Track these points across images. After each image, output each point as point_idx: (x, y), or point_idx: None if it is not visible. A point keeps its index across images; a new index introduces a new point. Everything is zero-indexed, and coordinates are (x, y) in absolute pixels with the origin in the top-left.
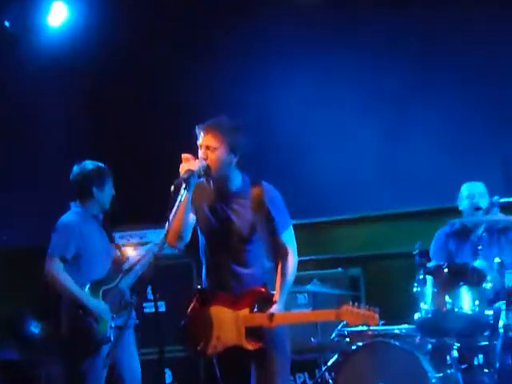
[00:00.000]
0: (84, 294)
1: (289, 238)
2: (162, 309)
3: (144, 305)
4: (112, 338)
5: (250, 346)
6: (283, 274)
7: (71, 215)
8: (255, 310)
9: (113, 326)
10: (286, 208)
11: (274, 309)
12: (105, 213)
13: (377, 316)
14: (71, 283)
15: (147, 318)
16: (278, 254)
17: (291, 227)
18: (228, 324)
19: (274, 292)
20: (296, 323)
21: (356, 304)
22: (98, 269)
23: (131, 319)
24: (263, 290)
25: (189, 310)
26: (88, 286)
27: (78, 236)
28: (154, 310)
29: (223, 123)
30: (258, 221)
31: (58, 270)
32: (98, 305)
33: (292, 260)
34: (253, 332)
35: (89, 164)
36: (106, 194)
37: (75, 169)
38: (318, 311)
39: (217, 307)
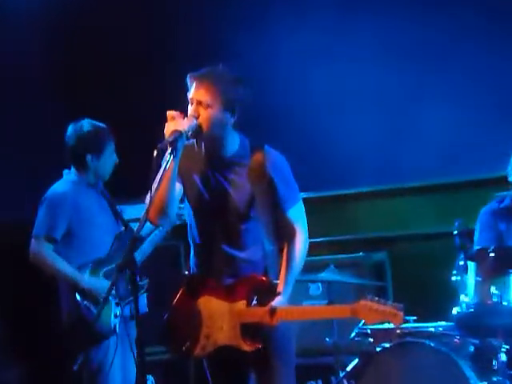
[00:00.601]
0: (78, 273)
1: (297, 215)
2: (144, 308)
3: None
4: (117, 330)
5: (247, 347)
6: (289, 259)
7: (62, 185)
8: (253, 302)
9: (118, 314)
10: (293, 178)
11: (277, 302)
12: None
13: (401, 314)
14: (61, 263)
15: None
16: (284, 234)
17: (300, 201)
18: (220, 319)
19: (278, 281)
20: (304, 320)
21: (376, 298)
22: (97, 247)
23: (142, 307)
24: (264, 278)
25: (174, 303)
26: (89, 269)
27: (71, 209)
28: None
29: (220, 74)
30: (259, 193)
31: (44, 252)
32: (97, 283)
33: (301, 242)
34: (250, 330)
35: (86, 124)
36: (104, 162)
37: (69, 129)
38: (330, 307)
39: (207, 298)
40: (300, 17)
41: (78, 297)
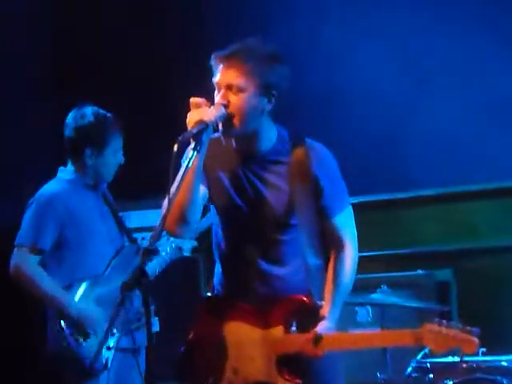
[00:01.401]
0: (64, 293)
1: (346, 223)
2: (156, 328)
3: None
4: (109, 365)
5: None
6: (337, 276)
7: (55, 184)
8: (293, 329)
9: (112, 346)
10: (342, 179)
11: (323, 328)
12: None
13: (476, 340)
14: (47, 281)
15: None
16: (330, 246)
17: (350, 207)
18: (251, 350)
19: (322, 302)
20: (354, 350)
21: (445, 321)
22: (93, 262)
23: (143, 338)
24: (305, 299)
25: (193, 328)
26: (82, 287)
27: (63, 214)
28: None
29: (253, 50)
30: (301, 196)
31: (27, 266)
32: (86, 311)
33: (350, 256)
34: (288, 362)
35: (89, 112)
36: (105, 159)
37: (69, 116)
38: (388, 332)
39: (235, 324)
40: None
41: (62, 323)
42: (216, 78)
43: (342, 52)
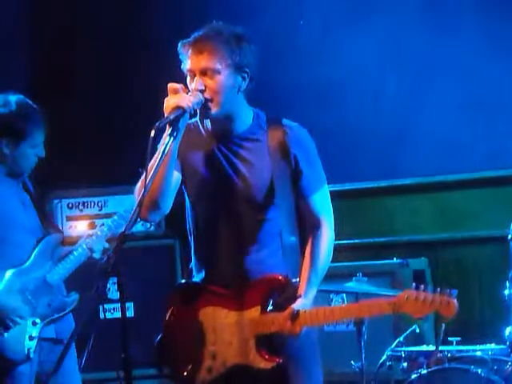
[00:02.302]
0: None
1: (322, 202)
2: (131, 313)
3: (104, 307)
4: (32, 355)
5: (265, 364)
6: (313, 254)
7: None
8: (270, 308)
9: (35, 335)
10: (319, 158)
11: (299, 305)
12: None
13: (454, 301)
14: None
15: (108, 328)
16: (306, 225)
17: (326, 186)
18: (228, 333)
19: (298, 280)
20: (326, 325)
21: (422, 287)
22: (14, 252)
23: (68, 328)
24: (281, 277)
25: (169, 314)
26: (4, 278)
27: None
28: (118, 315)
29: (221, 32)
30: (279, 175)
31: None
32: (8, 300)
33: (327, 235)
34: (267, 342)
35: (12, 100)
36: (22, 153)
37: None
38: (365, 302)
39: (211, 309)
40: None
41: None
42: (188, 65)
43: (330, 45)
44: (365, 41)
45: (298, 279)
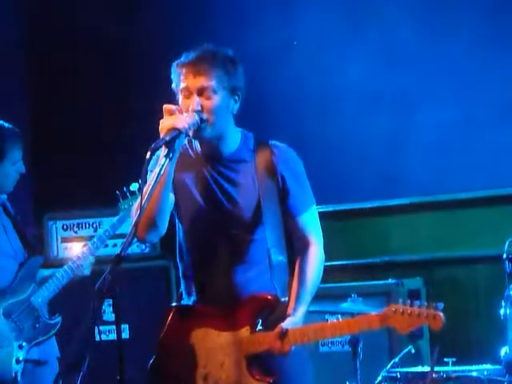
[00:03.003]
0: None
1: (311, 222)
2: (126, 335)
3: (99, 329)
4: (19, 378)
5: None
6: (302, 274)
7: None
8: (259, 328)
9: (21, 359)
10: (307, 178)
11: (288, 323)
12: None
13: (441, 315)
14: None
15: (103, 350)
16: (295, 244)
17: (314, 206)
18: (219, 354)
19: (287, 299)
20: (317, 340)
21: (408, 301)
22: None
23: (51, 349)
24: (269, 297)
25: (161, 336)
26: None
27: None
28: (114, 337)
29: (217, 54)
30: (267, 195)
31: None
32: None
33: (316, 253)
34: (258, 362)
35: None
36: (4, 171)
37: None
38: (353, 319)
39: (202, 330)
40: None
41: None
42: (183, 84)
43: (326, 62)
44: (360, 59)
45: (286, 298)
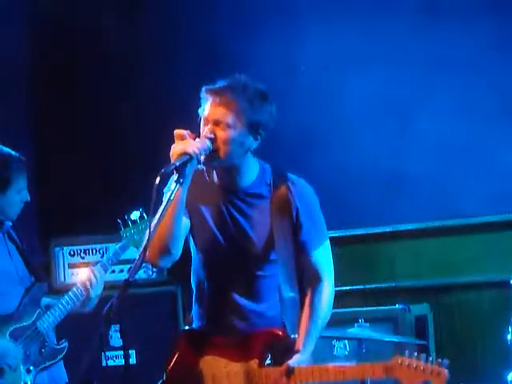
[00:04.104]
0: None
1: (323, 258)
2: (133, 361)
3: (106, 355)
4: None
5: None
6: (312, 310)
7: None
8: (267, 362)
9: (29, 383)
10: (322, 215)
11: (295, 361)
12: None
13: (445, 372)
14: None
15: (110, 375)
16: (307, 280)
17: (328, 242)
18: (226, 382)
19: (296, 336)
20: (322, 381)
21: (415, 354)
22: (0, 302)
23: (60, 375)
24: (279, 332)
25: (171, 362)
26: None
27: None
28: (121, 362)
29: (243, 87)
30: (281, 232)
31: None
32: (1, 347)
33: (327, 291)
34: None
35: None
36: (9, 199)
37: None
38: (359, 365)
39: (211, 358)
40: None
41: None
42: (204, 112)
43: (322, 90)
44: (362, 88)
45: (296, 335)
